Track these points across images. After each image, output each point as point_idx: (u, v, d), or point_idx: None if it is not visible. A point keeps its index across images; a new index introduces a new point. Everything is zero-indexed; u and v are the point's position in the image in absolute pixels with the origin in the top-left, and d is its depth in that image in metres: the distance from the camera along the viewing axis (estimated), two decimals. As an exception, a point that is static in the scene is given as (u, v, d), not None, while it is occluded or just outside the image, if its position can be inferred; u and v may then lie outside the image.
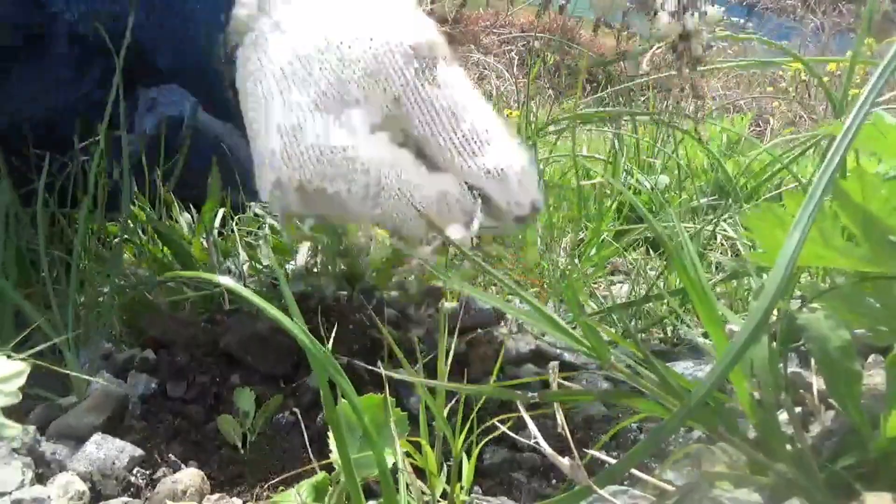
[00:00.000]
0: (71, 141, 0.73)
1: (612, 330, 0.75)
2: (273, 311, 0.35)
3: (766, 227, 0.41)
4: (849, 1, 5.63)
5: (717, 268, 0.94)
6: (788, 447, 0.37)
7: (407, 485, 0.41)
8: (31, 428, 0.54)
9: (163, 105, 0.95)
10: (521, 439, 0.49)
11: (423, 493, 0.45)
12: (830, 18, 5.53)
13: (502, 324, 0.77)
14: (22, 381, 0.41)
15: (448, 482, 0.46)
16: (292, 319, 0.35)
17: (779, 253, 0.31)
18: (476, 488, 0.53)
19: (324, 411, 0.60)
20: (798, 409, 0.42)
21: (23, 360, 0.58)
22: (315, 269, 0.87)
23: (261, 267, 0.86)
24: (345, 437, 0.37)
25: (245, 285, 0.78)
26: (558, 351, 0.73)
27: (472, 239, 0.52)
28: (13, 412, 0.40)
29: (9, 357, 0.54)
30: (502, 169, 0.52)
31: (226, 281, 0.38)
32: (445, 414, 0.44)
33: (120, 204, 0.85)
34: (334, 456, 0.45)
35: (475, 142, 0.52)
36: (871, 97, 0.33)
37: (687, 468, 0.40)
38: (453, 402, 0.47)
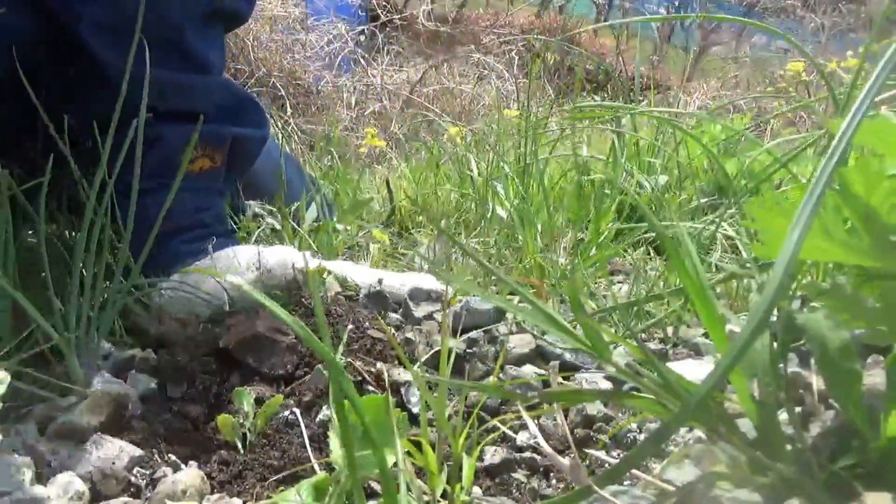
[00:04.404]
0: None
1: (613, 330, 0.75)
2: (277, 309, 0.35)
3: (769, 216, 0.41)
4: (849, 1, 5.63)
5: (716, 268, 0.93)
6: (788, 447, 0.37)
7: (407, 485, 0.41)
8: (32, 427, 0.54)
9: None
10: (522, 439, 0.49)
11: (424, 493, 0.45)
12: (830, 18, 5.53)
13: (503, 323, 0.77)
14: (2, 389, 0.42)
15: (448, 482, 0.46)
16: (293, 317, 0.35)
17: (780, 243, 0.31)
18: (476, 488, 0.53)
19: (324, 411, 0.60)
20: (798, 409, 0.42)
21: (21, 360, 0.58)
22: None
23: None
24: (350, 436, 0.37)
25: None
26: (559, 351, 0.73)
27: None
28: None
29: (8, 356, 0.54)
30: None
31: (232, 278, 0.38)
32: (446, 414, 0.44)
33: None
34: (334, 456, 0.45)
35: None
36: (871, 95, 0.33)
37: (687, 468, 0.40)
38: (454, 402, 0.47)
